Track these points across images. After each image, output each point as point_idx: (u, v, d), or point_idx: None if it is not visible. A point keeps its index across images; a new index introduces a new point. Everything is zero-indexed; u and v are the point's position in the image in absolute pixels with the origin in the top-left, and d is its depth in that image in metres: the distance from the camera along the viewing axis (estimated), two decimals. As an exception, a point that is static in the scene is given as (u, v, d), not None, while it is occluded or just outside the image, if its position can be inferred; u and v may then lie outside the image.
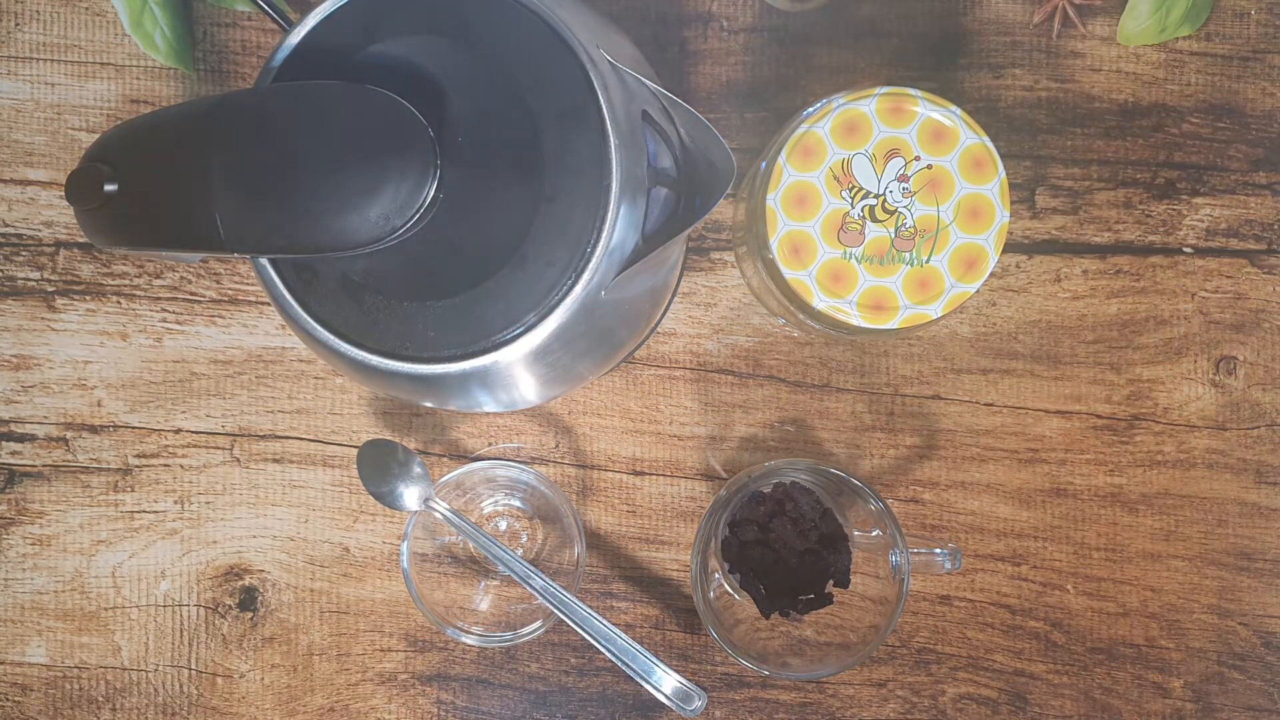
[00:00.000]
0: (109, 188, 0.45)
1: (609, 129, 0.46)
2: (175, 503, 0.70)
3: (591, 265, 0.46)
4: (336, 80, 0.45)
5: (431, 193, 0.44)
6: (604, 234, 0.46)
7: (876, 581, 0.64)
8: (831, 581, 0.66)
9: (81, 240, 0.69)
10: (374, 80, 0.44)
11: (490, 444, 0.70)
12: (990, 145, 0.57)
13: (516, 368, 0.48)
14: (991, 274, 0.57)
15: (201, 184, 0.44)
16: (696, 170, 0.51)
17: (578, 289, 0.46)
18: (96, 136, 0.62)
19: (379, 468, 0.66)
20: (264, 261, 0.48)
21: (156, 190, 0.45)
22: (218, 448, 0.70)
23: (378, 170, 0.43)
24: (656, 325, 0.68)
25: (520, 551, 0.70)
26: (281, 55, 0.48)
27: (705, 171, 0.49)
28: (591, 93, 0.46)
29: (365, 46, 0.47)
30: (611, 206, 0.46)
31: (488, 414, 0.69)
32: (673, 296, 0.68)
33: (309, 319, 0.48)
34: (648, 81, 0.49)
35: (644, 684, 0.62)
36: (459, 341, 0.47)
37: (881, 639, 0.62)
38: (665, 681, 0.62)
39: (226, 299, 0.69)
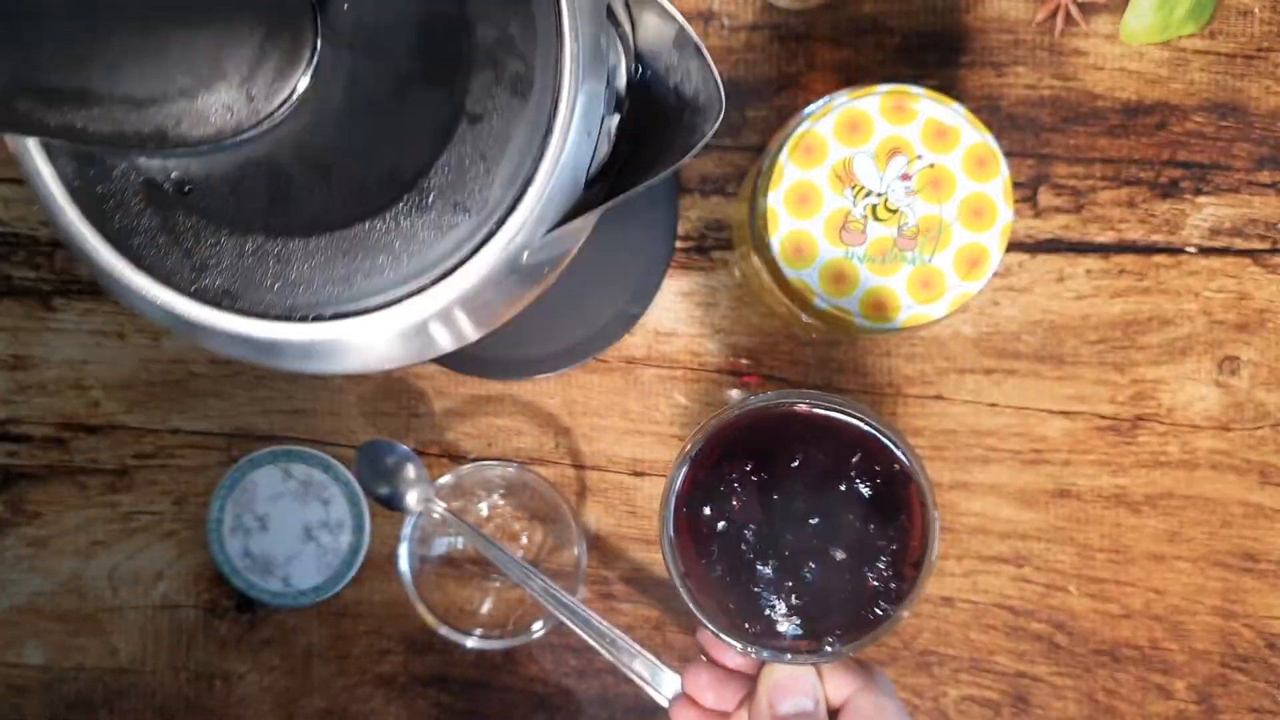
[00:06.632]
0: None
1: (565, 26, 0.33)
2: (173, 504, 0.69)
3: (518, 217, 0.33)
4: None
5: (303, 82, 0.31)
6: (541, 176, 0.33)
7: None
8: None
9: (78, 239, 0.69)
10: None
11: (489, 444, 0.69)
12: (993, 144, 0.56)
13: (381, 340, 0.35)
14: (994, 273, 0.57)
15: None
16: (663, 100, 0.37)
17: (494, 246, 0.33)
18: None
19: (377, 469, 0.66)
20: (28, 144, 0.32)
21: None
22: (215, 448, 0.69)
23: (226, 38, 0.30)
24: (637, 316, 0.67)
25: (519, 553, 0.70)
26: None
27: (670, 98, 0.36)
28: None
29: None
30: (556, 139, 0.33)
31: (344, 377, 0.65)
32: (659, 288, 0.66)
33: (98, 242, 0.33)
34: None
35: (644, 686, 0.62)
36: (310, 301, 0.33)
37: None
38: (666, 683, 0.62)
39: (224, 299, 0.69)
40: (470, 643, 0.66)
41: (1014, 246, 0.68)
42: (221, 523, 0.68)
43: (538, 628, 0.66)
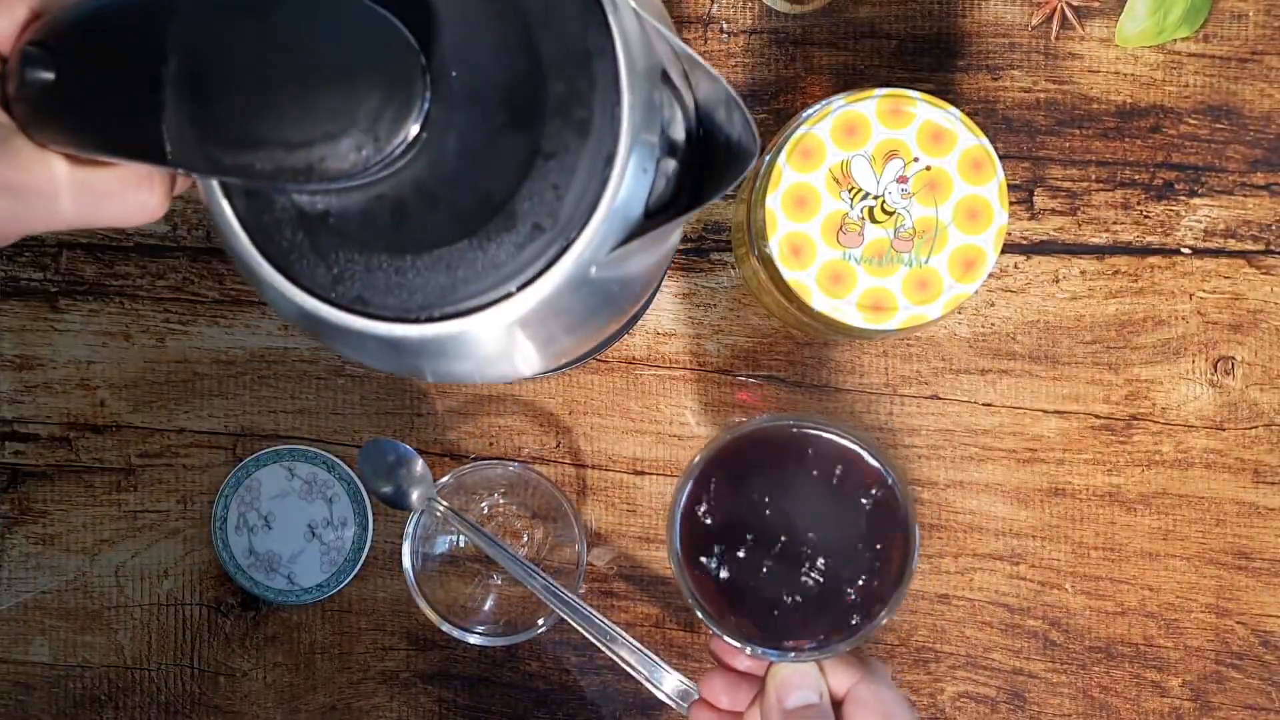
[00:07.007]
0: (43, 75, 0.40)
1: (623, 84, 0.41)
2: (178, 502, 0.70)
3: (585, 236, 0.41)
4: None
5: (416, 128, 0.39)
6: (604, 203, 0.41)
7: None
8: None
9: (84, 241, 0.70)
10: None
11: (491, 443, 0.70)
12: (989, 146, 0.57)
13: (484, 340, 0.44)
14: (990, 275, 0.57)
15: (150, 88, 0.39)
16: (712, 146, 0.46)
17: (567, 260, 0.41)
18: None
19: (381, 468, 0.66)
20: (214, 184, 0.42)
21: (98, 88, 0.40)
22: (220, 447, 0.70)
23: (356, 93, 0.39)
24: (637, 316, 0.67)
25: (521, 551, 0.70)
26: None
27: (721, 149, 0.45)
28: (608, 39, 0.41)
29: None
30: (616, 173, 0.41)
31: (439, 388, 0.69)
32: (656, 289, 0.67)
33: (261, 259, 0.42)
34: (670, 35, 0.44)
35: (644, 682, 0.63)
36: (421, 304, 0.42)
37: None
38: (665, 680, 0.62)
39: (229, 299, 0.69)
40: (472, 639, 0.66)
41: (1009, 248, 0.69)
42: (226, 521, 0.69)
43: (539, 625, 0.66)
